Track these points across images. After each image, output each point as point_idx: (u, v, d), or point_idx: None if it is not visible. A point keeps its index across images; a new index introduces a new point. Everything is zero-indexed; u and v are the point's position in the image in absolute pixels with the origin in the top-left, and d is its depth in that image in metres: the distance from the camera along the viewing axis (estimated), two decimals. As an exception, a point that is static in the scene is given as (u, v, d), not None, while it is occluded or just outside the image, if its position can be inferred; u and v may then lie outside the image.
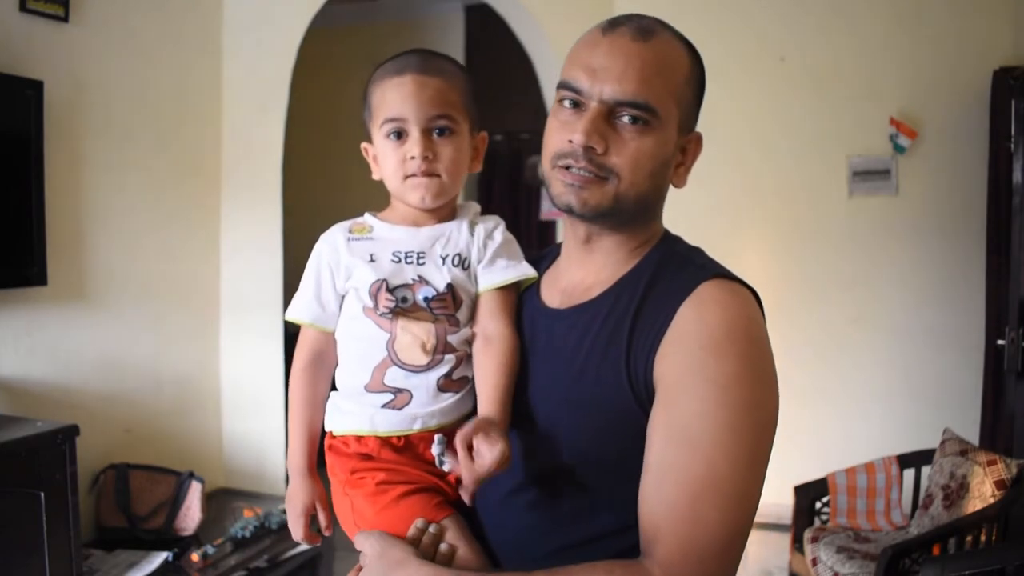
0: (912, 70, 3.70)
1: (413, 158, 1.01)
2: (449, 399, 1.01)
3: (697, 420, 0.83)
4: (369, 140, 1.08)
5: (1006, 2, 3.58)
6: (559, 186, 0.94)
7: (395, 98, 1.00)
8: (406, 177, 1.02)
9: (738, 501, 0.83)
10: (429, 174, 1.01)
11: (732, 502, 0.82)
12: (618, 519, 0.89)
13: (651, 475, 0.85)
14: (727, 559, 0.83)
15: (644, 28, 0.93)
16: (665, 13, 1.06)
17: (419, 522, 0.93)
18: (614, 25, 0.94)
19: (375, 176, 1.10)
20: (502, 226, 1.08)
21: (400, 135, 1.02)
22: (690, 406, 0.84)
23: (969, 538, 2.37)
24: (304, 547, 2.78)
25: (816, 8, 3.83)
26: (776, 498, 3.61)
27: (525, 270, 1.06)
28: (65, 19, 2.45)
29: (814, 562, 2.68)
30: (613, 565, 0.83)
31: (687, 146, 0.99)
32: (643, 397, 0.88)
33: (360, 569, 0.95)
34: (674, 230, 1.08)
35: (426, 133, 1.01)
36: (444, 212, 1.07)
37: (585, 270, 1.01)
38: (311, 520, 1.07)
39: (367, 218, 1.08)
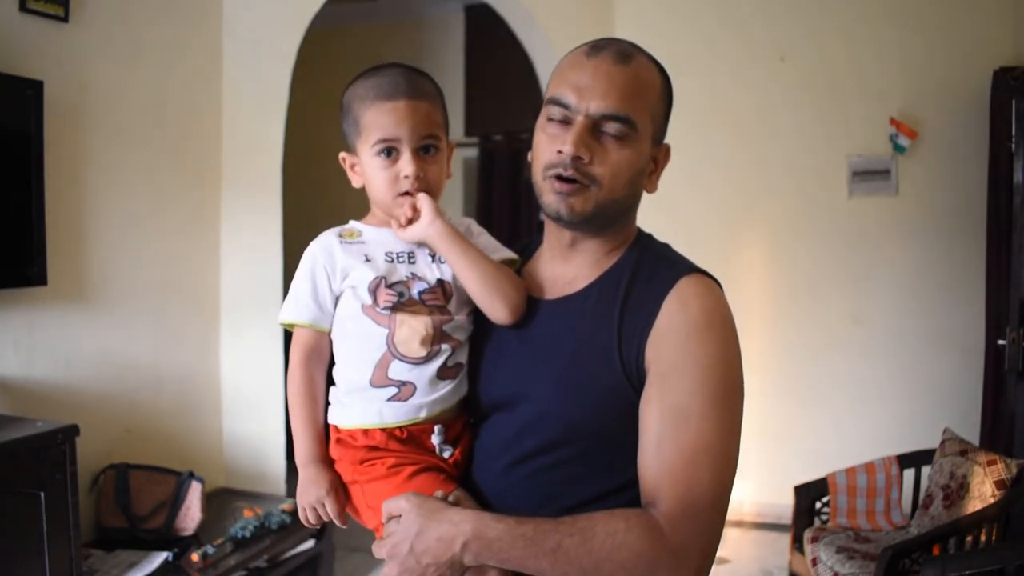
0: (912, 70, 3.70)
1: (407, 177, 1.09)
2: (447, 386, 1.09)
3: (687, 397, 0.97)
4: (346, 148, 1.16)
5: (1006, 2, 3.58)
6: (549, 195, 1.05)
7: (390, 121, 1.09)
8: (399, 195, 1.11)
9: (725, 463, 0.97)
10: (422, 191, 1.10)
11: (720, 464, 0.97)
12: (613, 480, 1.02)
13: (649, 445, 0.98)
14: (718, 511, 0.97)
15: (623, 52, 1.05)
16: (666, 13, 1.08)
17: (439, 493, 1.01)
18: (597, 49, 1.05)
19: (355, 184, 1.17)
20: (475, 222, 1.21)
21: (391, 153, 1.10)
22: (680, 385, 0.97)
23: (969, 538, 2.37)
24: (304, 547, 2.78)
25: (817, 8, 3.83)
26: (776, 498, 3.63)
27: (510, 253, 1.16)
28: (65, 19, 2.45)
29: (814, 562, 2.68)
30: (628, 512, 0.95)
31: (658, 156, 1.10)
32: (634, 378, 1.01)
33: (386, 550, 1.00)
34: (675, 230, 1.11)
35: (416, 153, 1.10)
36: None
37: (568, 265, 1.11)
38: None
39: (353, 225, 1.16)
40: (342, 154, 1.17)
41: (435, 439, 1.08)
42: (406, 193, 1.10)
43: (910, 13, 3.70)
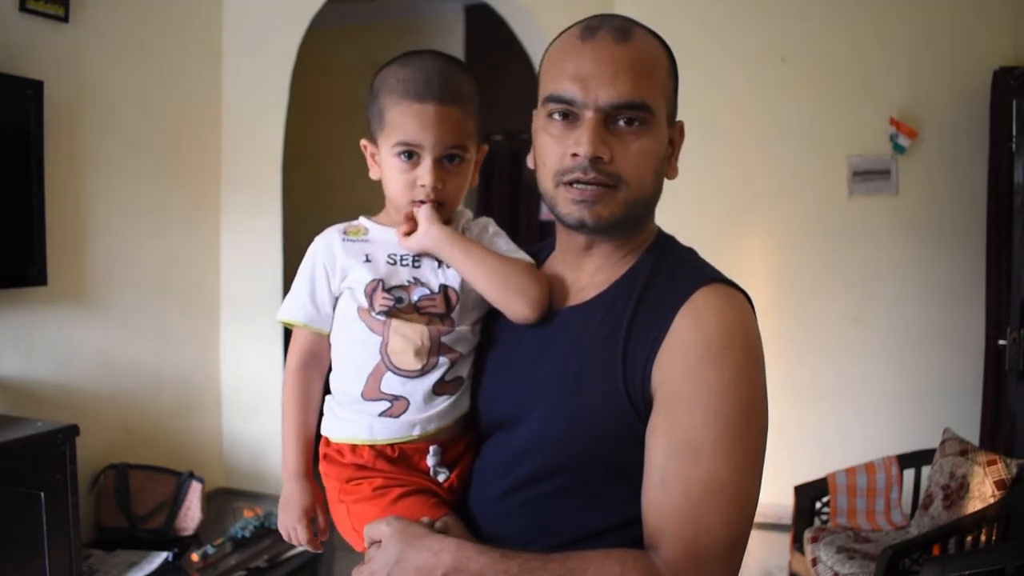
0: (912, 70, 3.70)
1: (423, 186, 1.01)
2: (444, 402, 1.01)
3: (697, 428, 0.85)
4: (368, 135, 1.08)
5: (1006, 2, 3.58)
6: (567, 204, 0.94)
7: (414, 125, 1.00)
8: (413, 201, 1.03)
9: (739, 505, 0.85)
10: (437, 201, 1.02)
11: (733, 506, 0.85)
12: (612, 517, 0.91)
13: (654, 481, 0.87)
14: (729, 560, 0.85)
15: (622, 29, 0.93)
16: (666, 13, 1.06)
17: (425, 519, 0.94)
18: (591, 30, 0.93)
19: (372, 175, 1.09)
20: (493, 222, 1.10)
21: (411, 156, 1.02)
22: (690, 415, 0.86)
23: (969, 538, 2.37)
24: (304, 547, 2.78)
25: (816, 8, 3.83)
26: (776, 498, 3.62)
27: (526, 256, 1.06)
28: (65, 19, 2.46)
29: (814, 562, 2.68)
30: (626, 555, 0.85)
31: (674, 137, 0.99)
32: (639, 403, 0.89)
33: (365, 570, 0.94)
34: (675, 230, 1.07)
35: (438, 161, 1.01)
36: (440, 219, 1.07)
37: (579, 272, 1.01)
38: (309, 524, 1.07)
39: (362, 221, 1.08)
40: (363, 141, 1.08)
41: (430, 460, 1.00)
42: (421, 201, 1.02)
43: (910, 13, 3.70)
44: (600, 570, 0.83)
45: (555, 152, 0.93)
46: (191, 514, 2.58)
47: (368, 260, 1.02)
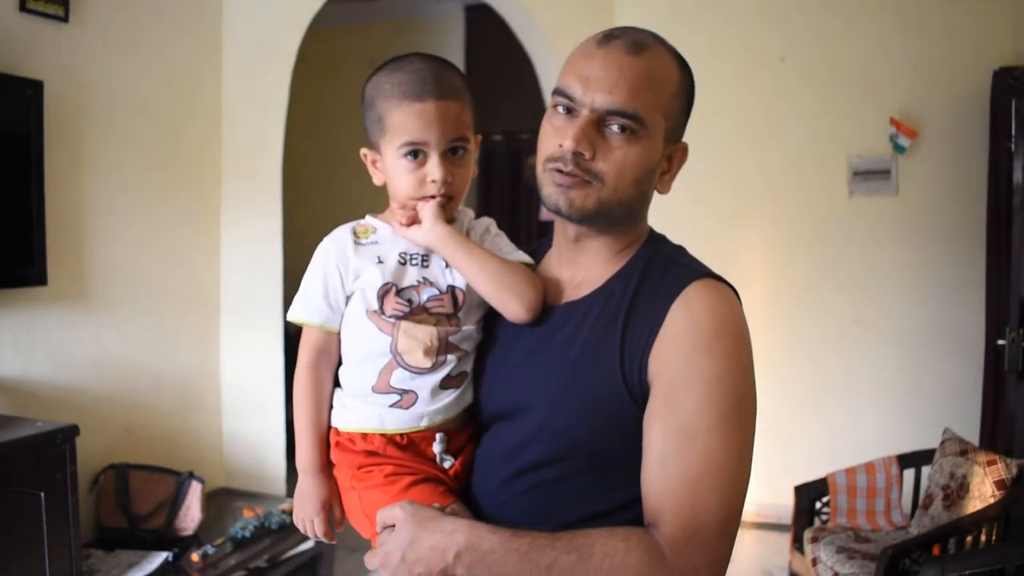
0: (912, 70, 3.70)
1: (434, 181, 1.05)
2: (450, 396, 1.06)
3: (693, 414, 0.91)
4: (367, 144, 1.11)
5: (1006, 2, 3.58)
6: (549, 187, 1.00)
7: (417, 124, 1.04)
8: (424, 197, 1.06)
9: (733, 485, 0.92)
10: (448, 195, 1.06)
11: (728, 486, 0.91)
12: (616, 498, 0.97)
13: (652, 464, 0.93)
14: (725, 537, 0.91)
15: (637, 42, 0.98)
16: (666, 13, 1.06)
17: (435, 505, 0.97)
18: (610, 38, 0.99)
19: (376, 182, 1.12)
20: (494, 223, 1.15)
21: (417, 155, 1.05)
22: (685, 401, 0.92)
23: (969, 538, 2.37)
24: (304, 547, 2.78)
25: (816, 8, 3.83)
26: (776, 498, 3.63)
27: (524, 256, 1.11)
28: (65, 19, 2.46)
29: (814, 562, 2.68)
30: (629, 532, 0.90)
31: (673, 155, 1.04)
32: (637, 392, 0.95)
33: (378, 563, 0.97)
34: (675, 230, 1.09)
35: (444, 156, 1.05)
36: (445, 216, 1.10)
37: (575, 268, 1.06)
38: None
39: (370, 220, 1.10)
40: (363, 150, 1.12)
41: (437, 447, 1.04)
42: (431, 197, 1.06)
43: (910, 13, 3.70)
44: (605, 547, 0.88)
45: (551, 140, 1.00)
46: (191, 514, 2.58)
47: (380, 262, 1.05)
